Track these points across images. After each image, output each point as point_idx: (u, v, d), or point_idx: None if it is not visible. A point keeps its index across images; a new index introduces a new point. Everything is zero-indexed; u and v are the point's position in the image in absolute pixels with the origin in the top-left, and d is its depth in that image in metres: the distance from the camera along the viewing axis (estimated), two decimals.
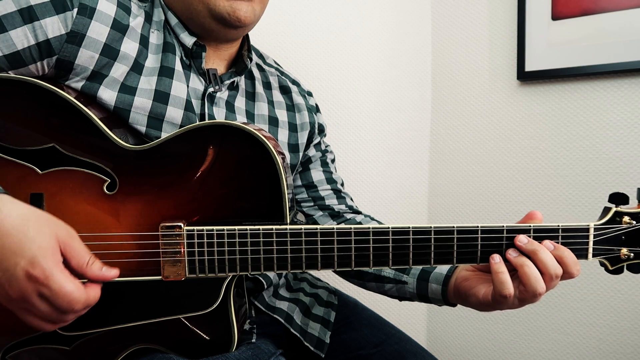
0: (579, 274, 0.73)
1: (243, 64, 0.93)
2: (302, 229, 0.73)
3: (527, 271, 0.71)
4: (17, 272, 0.60)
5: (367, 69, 1.63)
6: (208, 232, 0.72)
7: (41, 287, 0.60)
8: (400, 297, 0.96)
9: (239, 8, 0.83)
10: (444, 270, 0.87)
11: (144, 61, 0.81)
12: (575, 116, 1.46)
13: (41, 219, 0.63)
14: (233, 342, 0.77)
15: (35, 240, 0.60)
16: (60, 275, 0.61)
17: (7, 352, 0.75)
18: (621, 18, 1.34)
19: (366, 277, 0.97)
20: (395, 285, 0.93)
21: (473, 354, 1.71)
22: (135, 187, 0.74)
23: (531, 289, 0.71)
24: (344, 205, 1.05)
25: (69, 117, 0.73)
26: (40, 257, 0.60)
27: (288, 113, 1.01)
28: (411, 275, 0.91)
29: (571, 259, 0.73)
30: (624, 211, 0.75)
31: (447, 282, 0.86)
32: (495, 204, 1.62)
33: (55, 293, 0.61)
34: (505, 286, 0.72)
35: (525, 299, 0.73)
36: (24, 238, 0.60)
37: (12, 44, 0.72)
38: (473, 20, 1.63)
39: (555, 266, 0.72)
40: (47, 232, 0.62)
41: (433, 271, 0.88)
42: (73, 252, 0.64)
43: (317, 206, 1.03)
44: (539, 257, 0.72)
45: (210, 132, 0.74)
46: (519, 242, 0.73)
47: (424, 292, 0.90)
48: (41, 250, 0.60)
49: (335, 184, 1.06)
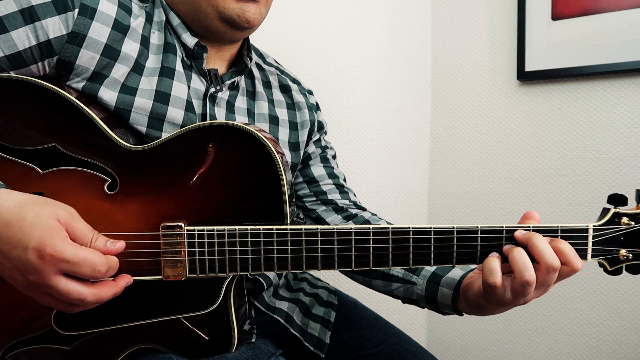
0: (583, 267, 0.71)
1: (243, 64, 0.93)
2: (302, 229, 0.73)
3: (516, 256, 0.70)
4: (29, 257, 0.60)
5: (367, 69, 1.63)
6: (209, 232, 0.72)
7: (58, 263, 0.61)
8: (405, 299, 0.93)
9: (248, 10, 0.83)
10: (457, 275, 0.85)
11: (144, 62, 0.81)
12: (575, 116, 1.46)
13: (38, 202, 0.63)
14: (233, 342, 0.77)
15: (36, 224, 0.61)
16: (71, 247, 0.62)
17: (6, 352, 0.75)
18: (621, 18, 1.35)
19: (373, 274, 0.95)
20: (403, 285, 0.91)
21: (473, 354, 1.71)
22: (136, 186, 0.74)
23: (518, 275, 0.69)
24: (347, 200, 1.04)
25: (70, 116, 0.73)
26: (46, 237, 0.60)
27: (288, 111, 1.01)
28: (421, 277, 0.88)
29: (570, 249, 0.71)
30: (623, 212, 0.75)
31: (459, 287, 0.83)
32: (495, 204, 1.62)
33: (75, 263, 0.61)
34: (492, 273, 0.70)
35: (515, 290, 0.70)
36: (25, 224, 0.61)
37: (13, 44, 0.72)
38: (473, 20, 1.63)
39: (552, 255, 0.69)
40: (46, 214, 0.62)
41: (445, 275, 0.86)
42: (76, 231, 0.64)
43: (320, 201, 1.03)
44: (535, 244, 0.70)
45: (211, 132, 0.74)
46: (517, 233, 0.73)
47: (433, 296, 0.87)
48: (45, 231, 0.61)
49: (337, 179, 1.06)
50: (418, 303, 0.91)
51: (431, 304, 0.88)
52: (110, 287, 0.67)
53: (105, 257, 0.64)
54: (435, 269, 0.88)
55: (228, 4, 0.82)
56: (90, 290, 0.64)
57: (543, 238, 0.71)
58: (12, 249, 0.61)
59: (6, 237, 0.61)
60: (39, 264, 0.60)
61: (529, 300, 0.73)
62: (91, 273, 0.63)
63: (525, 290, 0.70)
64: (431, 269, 0.88)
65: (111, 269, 0.65)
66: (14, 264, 0.61)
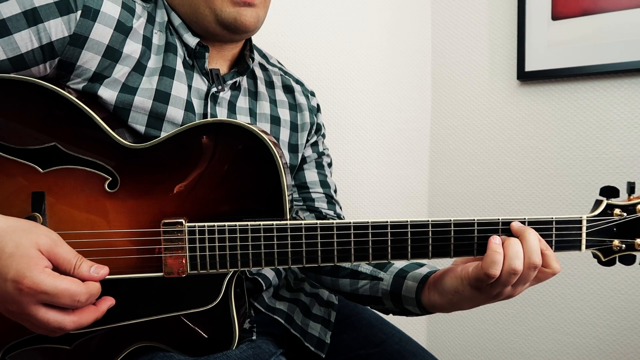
0: (559, 271, 0.74)
1: (245, 64, 0.93)
2: (302, 224, 0.73)
3: (512, 243, 0.71)
4: (7, 289, 0.60)
5: (367, 69, 1.63)
6: (209, 228, 0.72)
7: (37, 294, 0.61)
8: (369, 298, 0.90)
9: (245, 14, 0.83)
10: (424, 271, 0.84)
11: (146, 62, 0.81)
12: (575, 116, 1.46)
13: (18, 231, 0.63)
14: (234, 339, 0.77)
15: (14, 255, 0.60)
16: (49, 278, 0.61)
17: (7, 352, 0.75)
18: (621, 18, 1.35)
19: (341, 272, 0.93)
20: (370, 282, 0.89)
21: (473, 354, 1.71)
22: (136, 184, 0.74)
23: (508, 261, 0.70)
24: (332, 212, 1.03)
25: (70, 115, 0.73)
26: (24, 269, 0.60)
27: (290, 112, 1.00)
28: (388, 273, 0.88)
29: (552, 253, 0.73)
30: (615, 204, 0.77)
31: (425, 280, 0.83)
32: (495, 204, 1.63)
33: (54, 294, 0.61)
34: (495, 266, 0.70)
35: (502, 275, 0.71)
36: (3, 255, 0.60)
37: (16, 47, 0.72)
38: (473, 20, 1.63)
39: (536, 253, 0.71)
40: (26, 244, 0.61)
41: (412, 271, 0.85)
42: (58, 258, 0.64)
43: (306, 207, 1.02)
44: (526, 237, 0.72)
45: (210, 129, 0.75)
46: (513, 224, 0.74)
47: (397, 290, 0.85)
48: (23, 262, 0.60)
49: (328, 189, 1.05)
50: (382, 301, 0.88)
51: (395, 300, 0.86)
52: (90, 313, 0.66)
53: (85, 285, 0.64)
54: (403, 266, 0.87)
55: (225, 8, 0.82)
56: (70, 319, 0.64)
57: (536, 235, 0.72)
58: None
59: None
60: (17, 295, 0.60)
61: (505, 294, 0.74)
62: (70, 303, 0.62)
63: (510, 279, 0.71)
64: (399, 266, 0.88)
65: (91, 297, 0.65)
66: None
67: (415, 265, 0.87)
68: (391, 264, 0.89)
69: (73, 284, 0.62)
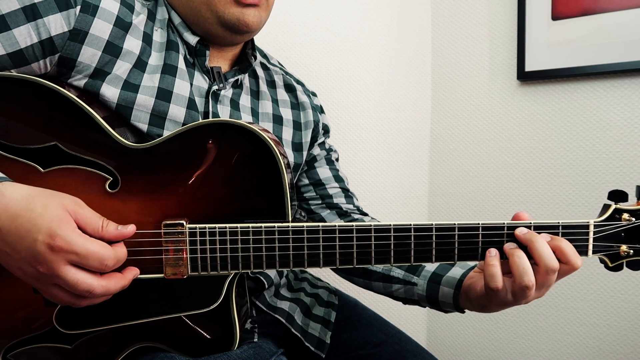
0: (582, 264, 0.72)
1: (247, 63, 0.93)
2: (304, 227, 0.73)
3: (517, 261, 0.70)
4: (38, 248, 0.60)
5: (367, 69, 1.63)
6: (210, 229, 0.72)
7: (67, 254, 0.61)
8: (406, 300, 0.93)
9: (248, 14, 0.83)
10: (457, 274, 0.85)
11: (147, 59, 0.81)
12: (575, 116, 1.46)
13: (45, 194, 0.64)
14: (235, 340, 0.77)
15: (44, 214, 0.61)
16: (80, 238, 0.62)
17: (7, 352, 0.75)
18: (621, 18, 1.35)
19: (373, 276, 0.95)
20: (403, 286, 0.91)
21: (473, 354, 1.71)
22: (137, 185, 0.74)
23: (518, 280, 0.70)
24: (351, 205, 1.04)
25: (71, 115, 0.73)
26: (55, 227, 0.61)
27: (293, 111, 1.01)
28: (422, 277, 0.89)
29: (570, 248, 0.71)
30: (624, 208, 0.75)
31: (460, 285, 0.84)
32: (495, 204, 1.63)
33: (83, 255, 0.62)
34: (494, 279, 0.71)
35: (515, 292, 0.71)
36: (33, 215, 0.61)
37: (15, 42, 0.72)
38: (473, 20, 1.63)
39: (551, 258, 0.70)
40: (53, 205, 0.62)
41: (445, 274, 0.86)
42: (85, 219, 0.64)
43: (325, 204, 1.03)
44: (535, 246, 0.70)
45: (212, 130, 0.74)
46: (518, 232, 0.73)
47: (434, 295, 0.87)
48: (54, 222, 0.61)
49: (342, 183, 1.06)
50: (419, 303, 0.91)
51: (433, 304, 0.89)
52: (118, 280, 0.67)
53: (114, 250, 0.65)
54: (435, 269, 0.88)
55: (228, 8, 0.82)
56: (99, 282, 0.64)
57: (543, 240, 0.71)
58: (21, 240, 0.61)
59: (15, 228, 0.61)
60: (48, 254, 0.61)
61: (530, 300, 0.73)
62: (99, 266, 0.63)
63: (524, 294, 0.71)
64: (431, 269, 0.88)
65: (118, 262, 0.66)
66: (23, 255, 0.61)
67: (446, 267, 0.87)
68: (423, 266, 0.90)
69: (103, 247, 0.63)
